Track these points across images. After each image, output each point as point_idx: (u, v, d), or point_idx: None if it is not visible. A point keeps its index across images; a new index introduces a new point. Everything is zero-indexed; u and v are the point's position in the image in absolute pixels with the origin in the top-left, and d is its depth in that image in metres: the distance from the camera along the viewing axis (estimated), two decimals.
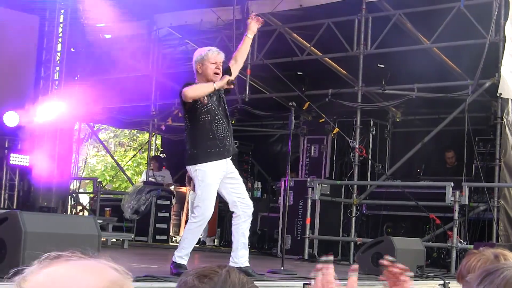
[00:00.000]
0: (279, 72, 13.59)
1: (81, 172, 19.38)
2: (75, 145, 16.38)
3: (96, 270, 1.34)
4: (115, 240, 13.00)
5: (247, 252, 7.20)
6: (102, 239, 7.91)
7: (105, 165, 28.20)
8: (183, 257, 6.97)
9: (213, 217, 13.41)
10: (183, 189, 15.53)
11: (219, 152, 7.03)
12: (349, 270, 2.44)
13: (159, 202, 14.32)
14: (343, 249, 12.22)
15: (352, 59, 12.77)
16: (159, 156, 17.26)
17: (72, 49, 14.34)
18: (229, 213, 7.37)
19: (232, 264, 6.96)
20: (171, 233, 15.11)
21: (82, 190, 18.51)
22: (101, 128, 24.92)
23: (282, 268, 8.18)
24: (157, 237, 14.24)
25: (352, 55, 12.66)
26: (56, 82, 13.75)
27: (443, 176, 12.22)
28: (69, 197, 14.64)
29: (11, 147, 12.93)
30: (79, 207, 15.31)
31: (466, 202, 10.32)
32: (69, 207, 14.70)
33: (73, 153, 15.66)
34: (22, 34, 13.33)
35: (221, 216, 14.42)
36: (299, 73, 14.10)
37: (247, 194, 7.29)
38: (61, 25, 13.93)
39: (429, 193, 11.52)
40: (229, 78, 7.04)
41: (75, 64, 14.56)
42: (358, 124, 12.61)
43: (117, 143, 29.26)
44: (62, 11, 13.93)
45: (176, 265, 6.93)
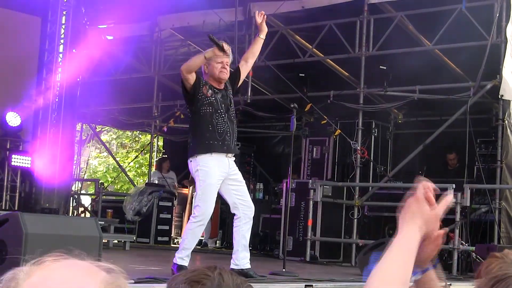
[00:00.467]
0: (281, 73, 13.59)
1: (83, 173, 19.42)
2: (77, 146, 16.40)
3: (92, 271, 1.33)
4: (116, 241, 12.99)
5: (248, 254, 7.20)
6: (103, 241, 7.92)
7: (107, 166, 28.22)
8: (184, 258, 6.97)
9: (215, 218, 13.55)
10: (185, 191, 15.53)
11: (217, 145, 7.03)
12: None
13: (161, 203, 14.31)
14: (344, 250, 12.22)
15: (354, 60, 12.77)
16: (167, 157, 17.21)
17: (74, 51, 14.34)
18: (231, 214, 7.36)
19: (233, 266, 6.96)
20: (173, 235, 15.10)
21: (84, 191, 18.50)
22: (103, 129, 24.95)
23: (284, 269, 8.18)
24: (159, 238, 14.24)
25: (354, 57, 12.66)
26: (58, 83, 13.75)
27: (445, 177, 12.21)
28: (71, 198, 14.64)
29: (13, 148, 12.93)
30: (81, 209, 15.31)
31: (467, 203, 10.31)
32: (71, 208, 14.70)
33: (75, 155, 15.67)
34: (24, 35, 13.34)
35: (223, 217, 14.42)
36: (301, 75, 14.11)
37: (249, 196, 7.29)
38: (63, 26, 13.92)
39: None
40: (219, 44, 7.05)
41: (77, 65, 14.56)
42: (360, 125, 12.61)
43: (119, 145, 29.28)
44: (64, 13, 13.92)
45: (177, 266, 6.93)
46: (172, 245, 14.30)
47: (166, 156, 17.19)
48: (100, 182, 15.95)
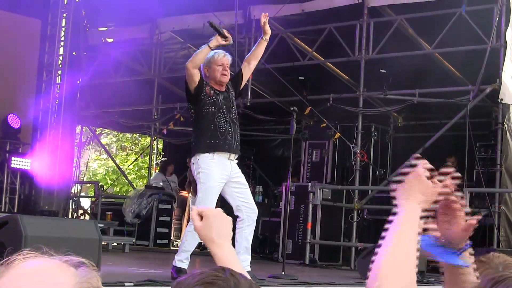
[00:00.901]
0: (281, 76, 13.60)
1: (82, 176, 19.41)
2: (76, 148, 16.40)
3: (62, 267, 1.33)
4: (116, 244, 12.99)
5: (249, 256, 7.19)
6: (103, 243, 7.92)
7: (106, 169, 28.21)
8: (183, 260, 6.97)
9: None
10: (184, 194, 15.53)
11: (219, 144, 7.03)
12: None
13: (161, 206, 14.31)
14: (344, 254, 12.22)
15: (353, 64, 12.78)
16: (171, 161, 17.17)
17: (74, 53, 14.35)
18: (231, 217, 7.33)
19: None
20: (172, 237, 15.10)
21: (83, 194, 18.51)
22: (103, 132, 24.95)
23: (283, 272, 8.19)
24: (158, 241, 14.23)
25: (353, 60, 12.67)
26: (58, 86, 13.76)
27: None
28: (71, 201, 14.64)
29: (13, 150, 12.94)
30: (80, 211, 15.30)
31: (467, 207, 10.29)
32: (70, 211, 14.70)
33: (75, 157, 15.68)
34: (24, 37, 13.36)
35: None
36: (300, 78, 14.11)
37: (252, 198, 7.27)
38: (63, 29, 13.95)
39: None
40: (220, 31, 7.06)
41: (77, 68, 14.57)
42: (359, 129, 12.62)
43: (119, 147, 29.28)
44: (64, 15, 13.95)
45: (176, 269, 6.93)
46: (171, 248, 14.30)
47: (166, 159, 17.18)
48: (99, 184, 15.94)
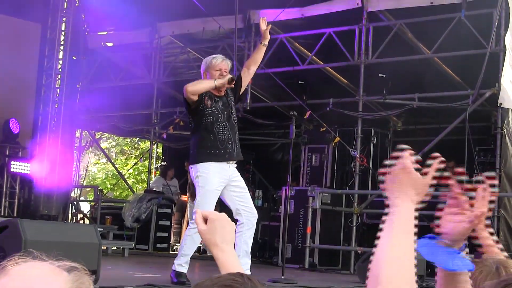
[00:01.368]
0: (281, 81, 13.61)
1: (82, 180, 19.40)
2: (76, 153, 16.40)
3: (54, 271, 1.34)
4: (115, 248, 12.99)
5: (249, 260, 7.19)
6: (102, 247, 7.92)
7: (106, 173, 28.22)
8: (182, 264, 6.97)
9: None
10: (184, 198, 15.53)
11: (219, 153, 7.06)
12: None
13: (160, 210, 14.31)
14: (343, 258, 12.21)
15: (353, 68, 12.79)
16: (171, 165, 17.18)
17: (74, 57, 14.37)
18: (234, 219, 7.34)
19: None
20: (171, 242, 15.10)
21: (83, 198, 18.52)
22: (103, 136, 24.96)
23: (282, 277, 8.19)
24: (158, 245, 14.23)
25: (353, 65, 12.67)
26: (57, 89, 13.78)
27: (444, 185, 12.20)
28: (70, 205, 14.65)
29: (12, 154, 12.94)
30: (80, 215, 15.31)
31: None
32: (70, 215, 14.70)
33: (74, 161, 15.68)
34: (24, 41, 13.38)
35: None
36: (300, 82, 14.12)
37: (251, 202, 7.28)
38: (63, 33, 13.97)
39: (430, 202, 11.46)
40: (230, 76, 7.14)
41: (77, 72, 14.59)
42: (359, 133, 12.62)
43: (119, 151, 29.28)
44: (64, 19, 13.97)
45: (176, 273, 6.94)
46: (171, 252, 14.29)
47: (171, 164, 17.18)
48: (99, 188, 15.93)
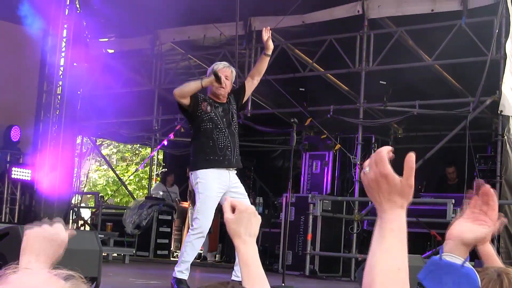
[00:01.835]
0: (282, 88, 13.63)
1: (83, 186, 19.43)
2: (77, 159, 16.40)
3: (52, 280, 1.35)
4: (116, 255, 12.99)
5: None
6: (103, 254, 7.92)
7: (107, 179, 28.22)
8: (183, 271, 6.97)
9: (214, 232, 13.53)
10: (184, 204, 15.53)
11: (218, 160, 7.07)
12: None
13: (161, 217, 14.30)
14: (344, 265, 12.20)
15: (354, 75, 12.81)
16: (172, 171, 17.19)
17: (75, 64, 14.37)
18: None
19: (234, 278, 6.95)
20: (172, 248, 15.09)
21: (83, 204, 18.49)
22: (104, 142, 24.97)
23: (283, 284, 8.17)
24: (159, 252, 14.22)
25: (354, 72, 12.70)
26: (58, 96, 13.78)
27: (445, 192, 12.23)
28: (71, 211, 14.64)
29: (13, 161, 12.94)
30: (81, 222, 15.30)
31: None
32: (71, 221, 14.69)
33: (75, 168, 15.68)
34: (25, 48, 13.39)
35: (222, 231, 14.39)
36: (301, 89, 14.14)
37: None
38: (64, 39, 13.97)
39: (430, 210, 11.51)
40: (214, 73, 7.11)
41: (78, 78, 14.59)
42: (359, 140, 12.63)
43: (119, 158, 29.29)
44: (65, 26, 13.98)
45: (177, 280, 6.93)
46: (171, 259, 14.29)
47: (171, 170, 17.18)
48: (100, 195, 15.95)
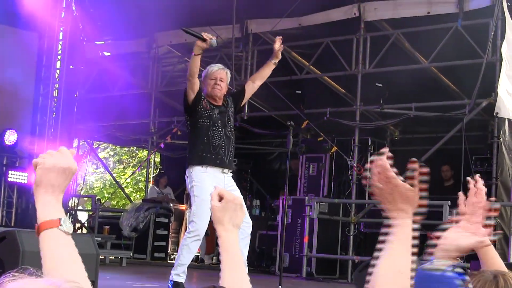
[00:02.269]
0: (278, 90, 13.63)
1: (79, 189, 19.38)
2: None
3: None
4: (113, 258, 12.99)
5: (246, 269, 7.19)
6: (100, 257, 7.92)
7: (103, 182, 28.20)
8: (180, 274, 6.96)
9: (211, 234, 13.52)
10: (181, 207, 15.53)
11: (211, 158, 7.08)
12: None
13: (158, 219, 14.31)
14: (341, 267, 12.22)
15: (350, 78, 12.82)
16: (164, 173, 17.21)
17: (71, 67, 14.38)
18: None
19: None
20: (169, 251, 15.08)
21: (80, 207, 18.50)
22: (101, 145, 24.95)
23: (280, 286, 8.18)
24: (156, 254, 14.23)
25: (350, 74, 12.71)
26: (55, 99, 13.78)
27: (441, 194, 12.24)
28: (68, 214, 14.64)
29: (10, 164, 12.94)
30: (78, 225, 15.30)
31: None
32: None
33: None
34: (21, 51, 13.39)
35: None
36: (297, 92, 14.15)
37: (246, 212, 7.29)
38: (60, 42, 13.98)
39: (427, 212, 11.49)
40: (197, 35, 7.05)
41: (74, 81, 14.60)
42: (356, 142, 12.64)
43: (116, 161, 29.27)
44: (61, 29, 13.99)
45: (174, 283, 6.93)
46: (168, 261, 14.29)
47: (163, 172, 17.18)
48: (97, 198, 15.94)
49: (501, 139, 11.04)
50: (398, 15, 12.08)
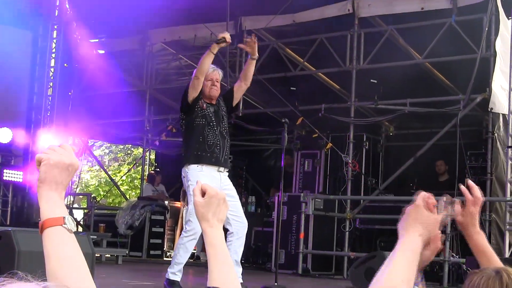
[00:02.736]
0: (273, 87, 13.64)
1: (75, 187, 19.38)
2: None
3: None
4: (109, 255, 12.98)
5: (240, 269, 7.21)
6: (96, 255, 7.93)
7: (99, 180, 28.19)
8: (176, 273, 6.98)
9: None
10: (177, 204, 15.54)
11: (205, 156, 7.08)
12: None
13: (153, 217, 14.32)
14: (336, 263, 12.24)
15: (345, 74, 12.83)
16: (159, 171, 17.21)
17: (65, 65, 14.35)
18: (224, 228, 7.34)
19: None
20: (165, 248, 15.10)
21: (76, 205, 18.48)
22: (96, 143, 24.92)
23: (276, 283, 8.19)
24: (151, 252, 14.24)
25: (345, 70, 12.72)
26: (49, 97, 13.76)
27: (436, 190, 12.24)
28: None
29: (5, 162, 12.92)
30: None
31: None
32: None
33: None
34: (15, 49, 13.35)
35: None
36: (292, 88, 14.15)
37: (242, 212, 7.29)
38: (55, 40, 13.95)
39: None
40: (218, 39, 7.10)
41: (69, 79, 14.57)
42: (351, 139, 12.65)
43: (111, 158, 29.25)
44: (55, 27, 13.95)
45: (169, 282, 6.94)
46: (164, 259, 14.31)
47: (158, 170, 17.19)
48: (92, 196, 15.93)
49: (496, 134, 11.06)
50: (392, 11, 12.10)
